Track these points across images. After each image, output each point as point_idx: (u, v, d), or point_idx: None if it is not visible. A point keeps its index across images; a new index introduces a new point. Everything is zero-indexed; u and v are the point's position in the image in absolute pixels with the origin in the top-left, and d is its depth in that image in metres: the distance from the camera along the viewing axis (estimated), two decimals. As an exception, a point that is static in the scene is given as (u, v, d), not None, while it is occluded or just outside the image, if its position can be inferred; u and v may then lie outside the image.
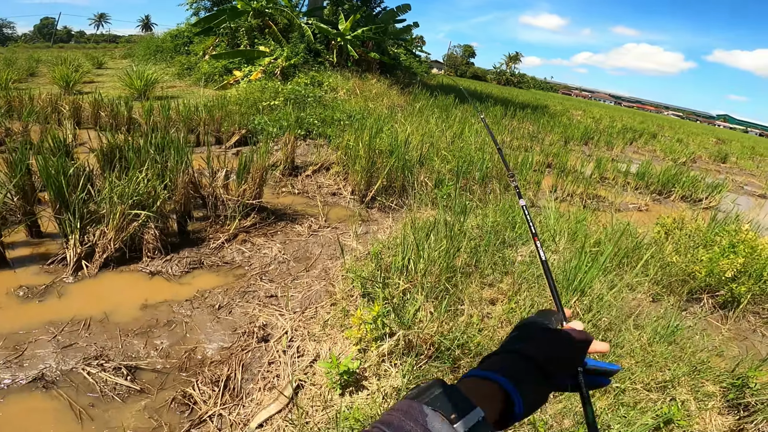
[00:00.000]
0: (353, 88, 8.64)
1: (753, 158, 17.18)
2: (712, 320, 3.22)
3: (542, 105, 20.20)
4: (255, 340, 2.54)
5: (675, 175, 7.18)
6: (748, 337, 3.16)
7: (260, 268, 3.22)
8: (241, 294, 2.89)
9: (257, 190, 3.88)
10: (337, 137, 5.43)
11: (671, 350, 2.24)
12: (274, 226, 3.88)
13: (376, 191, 4.31)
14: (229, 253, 3.37)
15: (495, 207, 3.89)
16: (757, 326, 3.25)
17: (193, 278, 2.99)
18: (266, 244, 3.59)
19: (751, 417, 1.98)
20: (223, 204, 3.79)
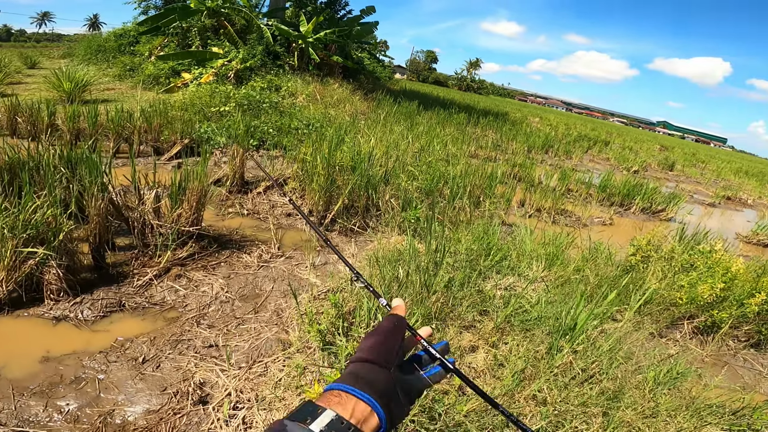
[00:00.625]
0: (313, 93, 8.15)
1: (696, 165, 18.31)
2: (691, 346, 3.08)
3: (503, 112, 20.55)
4: (190, 403, 2.04)
5: (635, 187, 7.27)
6: (729, 362, 3.04)
7: (198, 309, 2.68)
8: (173, 343, 2.36)
9: (195, 214, 3.30)
10: (294, 148, 4.94)
11: (672, 395, 2.01)
12: (217, 256, 3.32)
13: (336, 212, 3.87)
14: (159, 292, 2.79)
15: (467, 229, 3.58)
16: (737, 350, 3.14)
17: (111, 324, 2.45)
18: (206, 279, 3.02)
19: None
20: (153, 231, 3.19)
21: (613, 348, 2.15)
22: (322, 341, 2.27)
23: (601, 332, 2.32)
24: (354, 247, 3.75)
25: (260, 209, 4.27)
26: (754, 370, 3.00)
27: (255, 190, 4.60)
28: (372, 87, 14.05)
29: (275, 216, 4.19)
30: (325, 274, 3.31)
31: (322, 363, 2.21)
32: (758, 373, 2.98)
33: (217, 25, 10.38)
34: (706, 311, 2.99)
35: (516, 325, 2.32)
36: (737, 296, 2.96)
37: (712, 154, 32.33)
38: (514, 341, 2.25)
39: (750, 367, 3.03)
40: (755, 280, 3.03)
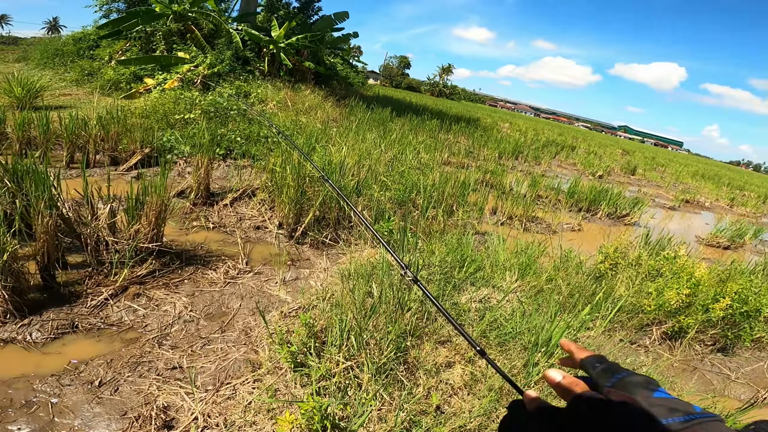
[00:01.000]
0: (284, 99, 7.98)
1: (656, 169, 19.19)
2: (661, 351, 3.15)
3: (474, 118, 20.91)
4: (154, 428, 1.91)
5: (600, 193, 7.49)
6: (697, 367, 3.12)
7: (159, 330, 2.51)
8: (132, 366, 2.21)
9: (155, 230, 3.10)
10: (263, 158, 4.79)
11: None
12: (180, 273, 3.13)
13: (307, 225, 3.76)
14: (116, 312, 2.60)
15: (441, 240, 3.55)
16: (705, 355, 3.24)
17: (63, 346, 2.28)
18: (168, 297, 2.84)
19: None
20: (108, 248, 2.98)
21: None
22: (293, 362, 2.17)
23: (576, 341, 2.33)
24: (326, 261, 3.64)
25: (227, 222, 4.09)
26: (722, 375, 3.10)
27: (221, 202, 4.41)
28: (345, 93, 13.97)
29: (243, 229, 4.02)
30: (296, 290, 3.19)
31: (294, 385, 2.12)
32: (726, 378, 3.07)
33: (183, 30, 10.03)
34: (673, 317, 3.06)
35: (492, 339, 2.29)
36: (702, 302, 3.05)
37: (670, 157, 34.09)
38: (491, 356, 2.21)
39: (718, 372, 3.12)
40: (719, 285, 3.14)
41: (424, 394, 2.05)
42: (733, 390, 3.01)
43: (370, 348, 2.23)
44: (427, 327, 2.46)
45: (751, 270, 4.37)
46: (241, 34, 10.58)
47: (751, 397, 2.91)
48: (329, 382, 2.05)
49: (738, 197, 14.83)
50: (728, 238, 7.48)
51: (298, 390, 2.07)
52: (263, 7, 15.18)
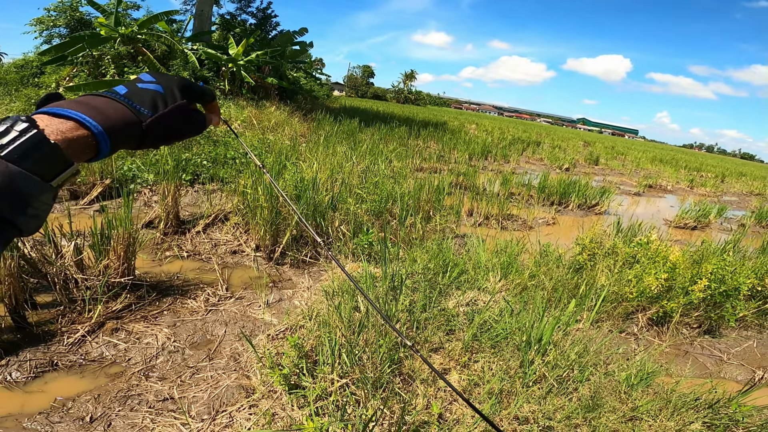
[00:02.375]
0: (249, 118, 7.83)
1: (616, 157, 20.01)
2: (650, 338, 3.21)
3: (442, 121, 21.25)
4: None
5: (569, 185, 7.71)
6: (689, 351, 3.18)
7: (144, 362, 2.42)
8: (121, 399, 2.13)
9: (125, 263, 2.97)
10: (232, 180, 4.66)
11: (647, 394, 2.04)
12: (158, 304, 3.00)
13: (285, 245, 3.66)
14: (95, 348, 2.49)
15: (421, 247, 3.53)
16: (693, 338, 3.31)
17: (46, 384, 2.20)
18: (148, 330, 2.72)
19: None
20: (78, 286, 2.82)
21: (581, 353, 2.16)
22: (287, 384, 2.10)
23: (565, 336, 2.34)
24: (308, 279, 3.55)
25: (202, 249, 3.94)
26: (713, 357, 3.15)
27: (194, 230, 4.25)
28: (311, 107, 13.91)
29: (219, 255, 3.88)
30: (281, 311, 3.11)
31: (291, 407, 2.05)
32: (719, 360, 3.13)
33: (134, 52, 9.71)
34: (655, 302, 3.14)
35: (484, 342, 2.27)
36: (681, 285, 3.13)
37: (628, 145, 35.70)
38: (485, 359, 2.19)
39: (709, 354, 3.18)
40: (694, 267, 3.24)
41: (425, 405, 2.00)
42: (728, 371, 3.05)
43: (364, 363, 2.17)
44: (417, 336, 2.42)
45: (722, 248, 4.56)
46: (197, 53, 10.36)
47: (747, 378, 2.97)
48: (326, 401, 2.00)
49: (697, 179, 15.65)
50: (694, 218, 7.84)
51: (295, 412, 2.02)
52: (218, 26, 14.99)
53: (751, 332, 3.63)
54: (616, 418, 1.79)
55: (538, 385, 2.01)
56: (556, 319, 2.14)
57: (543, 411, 1.85)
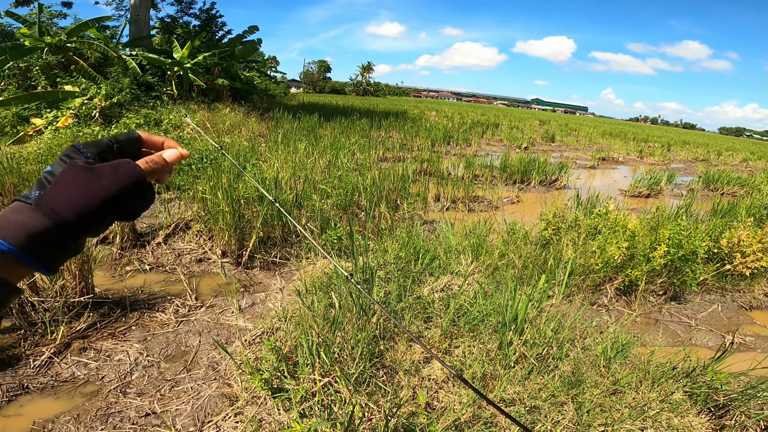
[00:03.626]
0: (202, 121, 7.50)
1: (570, 134, 20.81)
2: (620, 308, 3.33)
3: (402, 111, 21.28)
4: None
5: (529, 163, 7.94)
6: (658, 319, 3.31)
7: (119, 379, 2.34)
8: (102, 418, 2.06)
9: (83, 282, 2.82)
10: (190, 187, 4.45)
11: (626, 366, 2.11)
12: (125, 320, 2.88)
13: (252, 248, 3.55)
14: (66, 368, 2.39)
15: (391, 237, 3.52)
16: (661, 305, 3.44)
17: (21, 407, 2.10)
18: (118, 347, 2.60)
19: (729, 413, 1.91)
20: (36, 309, 2.67)
21: (556, 329, 2.22)
22: (270, 389, 2.05)
23: (540, 313, 2.40)
24: (280, 281, 3.47)
25: (165, 261, 3.75)
26: (682, 324, 3.27)
27: (154, 241, 4.04)
28: (267, 106, 13.54)
29: (184, 265, 3.71)
30: (255, 316, 3.04)
31: (277, 411, 2.00)
32: (688, 326, 3.24)
33: (65, 61, 9.04)
34: (621, 272, 3.25)
35: (462, 327, 2.29)
36: (642, 252, 3.26)
37: (580, 122, 37.20)
38: (465, 344, 2.21)
39: (678, 321, 3.30)
40: (652, 234, 3.39)
41: (411, 395, 2.00)
42: (698, 338, 3.16)
43: (344, 360, 2.15)
44: (396, 326, 2.41)
45: (675, 214, 4.82)
46: (137, 59, 9.81)
47: (718, 344, 3.10)
48: (312, 401, 1.97)
49: (645, 149, 16.54)
50: (647, 186, 8.28)
51: (282, 416, 1.98)
52: (158, 30, 14.24)
53: (713, 296, 3.78)
54: (599, 393, 1.84)
55: (520, 365, 2.05)
56: (529, 297, 2.19)
57: (528, 391, 1.88)
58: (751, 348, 3.11)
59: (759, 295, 3.89)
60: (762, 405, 1.99)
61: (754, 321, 3.53)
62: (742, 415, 1.91)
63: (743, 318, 3.58)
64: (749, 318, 3.58)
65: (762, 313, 3.69)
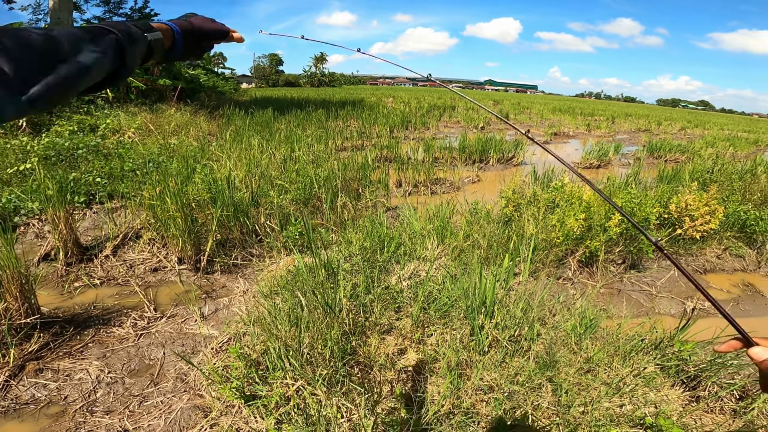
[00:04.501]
0: (144, 124, 7.03)
1: (523, 112, 21.42)
2: (584, 280, 3.42)
3: (359, 99, 21.04)
4: None
5: (486, 143, 8.07)
6: (621, 289, 3.39)
7: (83, 398, 2.23)
8: None
9: (26, 303, 2.63)
10: (136, 194, 4.17)
11: (596, 342, 2.14)
12: (80, 338, 2.70)
13: (210, 252, 3.37)
14: (24, 391, 2.26)
15: (354, 227, 3.45)
16: (622, 275, 3.52)
17: None
18: (77, 365, 2.47)
19: (701, 384, 1.96)
20: None
21: (525, 309, 2.24)
22: (242, 397, 1.96)
23: (508, 293, 2.42)
24: (243, 283, 3.33)
25: (116, 273, 3.51)
26: (644, 292, 3.35)
27: (102, 254, 3.75)
28: (217, 104, 12.94)
29: (138, 276, 3.48)
30: (220, 322, 2.92)
31: (254, 419, 1.92)
32: (649, 294, 3.32)
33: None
34: (581, 243, 3.34)
35: (433, 315, 2.28)
36: (598, 222, 3.34)
37: (531, 100, 38.38)
38: (438, 332, 2.20)
39: (640, 290, 3.37)
40: (606, 204, 3.50)
41: (389, 390, 1.97)
42: (661, 306, 3.23)
43: (315, 360, 2.08)
44: (368, 320, 2.36)
45: (625, 182, 5.03)
46: None
47: (680, 311, 3.19)
48: (288, 406, 1.89)
49: (592, 123, 17.30)
50: (597, 158, 8.65)
51: (259, 423, 1.90)
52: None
53: (669, 261, 3.96)
54: (574, 372, 1.86)
55: (494, 349, 2.05)
56: (496, 277, 2.19)
57: (504, 376, 1.88)
58: (711, 314, 3.19)
59: (711, 257, 4.02)
60: (732, 374, 2.03)
61: (710, 284, 3.66)
62: (714, 386, 1.96)
63: (699, 282, 3.77)
64: (705, 281, 3.70)
65: (716, 275, 3.83)
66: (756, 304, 3.40)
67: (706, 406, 1.85)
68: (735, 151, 11.75)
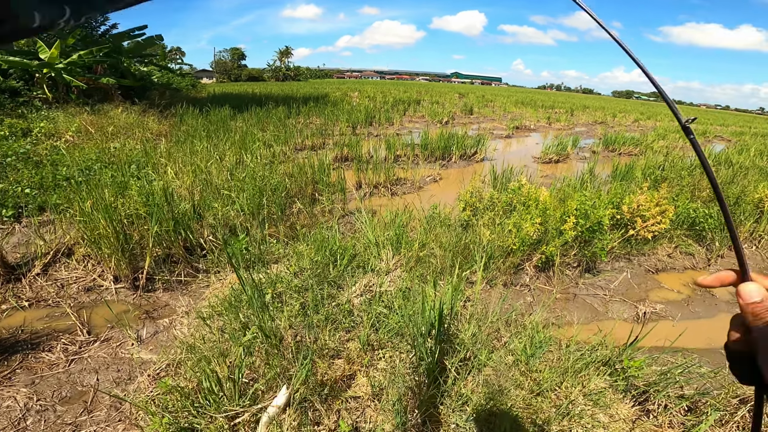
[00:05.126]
0: (83, 126, 6.51)
1: (487, 105, 21.69)
2: (540, 285, 3.39)
3: (323, 94, 20.62)
4: None
5: (449, 139, 8.04)
6: (576, 293, 3.36)
7: (12, 426, 2.10)
8: None
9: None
10: (68, 206, 3.82)
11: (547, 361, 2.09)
12: (7, 363, 2.50)
13: (149, 269, 3.12)
14: None
15: (307, 238, 3.29)
16: (576, 279, 3.49)
17: None
18: (3, 392, 2.31)
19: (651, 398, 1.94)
20: None
21: (477, 325, 2.16)
22: (178, 430, 1.80)
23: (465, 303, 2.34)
24: (187, 301, 3.10)
25: (46, 294, 3.21)
26: (598, 297, 3.32)
27: (30, 273, 3.41)
28: (170, 101, 12.26)
29: (70, 296, 3.19)
30: (159, 345, 2.72)
31: None
32: (603, 299, 3.29)
33: None
34: (537, 249, 3.29)
35: (382, 336, 2.17)
36: (554, 226, 3.30)
37: (495, 92, 39.03)
38: (387, 355, 2.09)
39: (594, 294, 3.33)
40: (561, 206, 3.48)
41: (333, 422, 1.84)
42: (614, 310, 3.20)
43: (256, 391, 1.93)
44: (314, 344, 2.23)
45: (581, 181, 5.07)
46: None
47: (632, 314, 3.16)
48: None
49: (552, 115, 17.73)
50: (556, 153, 8.82)
51: None
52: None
53: (622, 263, 3.88)
54: (524, 395, 1.80)
55: (443, 376, 1.95)
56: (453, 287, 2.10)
57: (451, 405, 1.80)
58: (662, 316, 3.20)
59: (663, 257, 4.07)
60: (681, 387, 2.02)
61: (661, 285, 3.68)
62: (663, 399, 1.94)
63: (651, 283, 3.71)
64: (657, 282, 3.72)
65: (668, 274, 3.88)
66: (706, 304, 3.44)
67: (655, 420, 1.84)
68: (684, 143, 12.36)
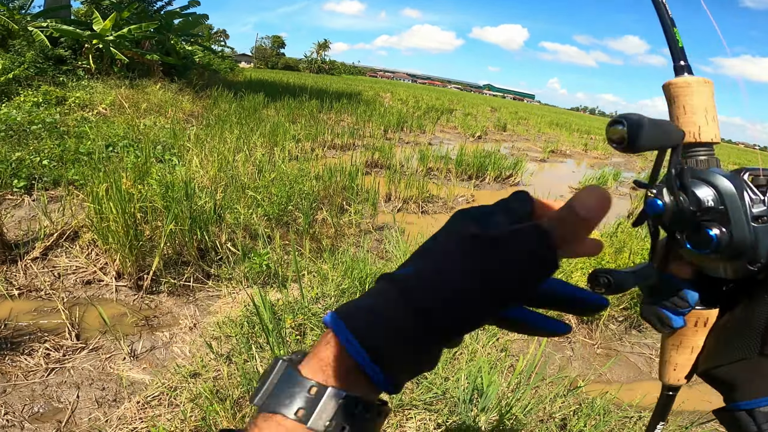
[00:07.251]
0: (118, 100, 6.38)
1: (520, 123, 21.14)
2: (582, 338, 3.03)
3: (356, 92, 20.45)
4: None
5: (485, 158, 7.65)
6: (618, 350, 3.04)
7: None
8: None
9: None
10: (86, 183, 3.59)
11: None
12: None
13: (157, 269, 2.85)
14: None
15: (333, 257, 2.96)
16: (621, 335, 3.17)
17: None
18: None
19: None
20: None
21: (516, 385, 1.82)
22: None
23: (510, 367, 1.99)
24: (194, 311, 2.81)
25: (40, 283, 2.94)
26: (643, 356, 3.02)
27: (28, 256, 3.18)
28: (207, 83, 12.24)
29: (66, 289, 2.92)
30: (154, 363, 2.40)
31: None
32: (648, 359, 3.00)
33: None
34: None
35: (416, 395, 1.82)
36: None
37: (528, 110, 38.32)
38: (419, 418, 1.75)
39: (639, 353, 3.04)
40: (615, 256, 3.10)
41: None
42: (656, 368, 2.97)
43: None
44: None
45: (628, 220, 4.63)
46: (46, 31, 8.46)
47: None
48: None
49: (589, 142, 17.08)
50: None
51: None
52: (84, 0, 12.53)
53: None
54: None
55: None
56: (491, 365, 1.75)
57: None
58: None
59: None
60: None
61: None
62: None
63: None
64: None
65: None
66: None
67: None
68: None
